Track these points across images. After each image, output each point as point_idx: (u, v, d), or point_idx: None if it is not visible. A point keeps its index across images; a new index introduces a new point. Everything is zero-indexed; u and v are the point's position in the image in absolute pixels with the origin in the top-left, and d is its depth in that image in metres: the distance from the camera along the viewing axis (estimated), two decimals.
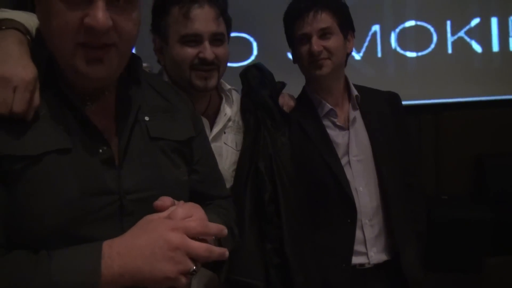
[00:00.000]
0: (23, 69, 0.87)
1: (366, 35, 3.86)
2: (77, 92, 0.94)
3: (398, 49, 3.91)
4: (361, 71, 3.74)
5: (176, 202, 0.94)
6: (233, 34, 1.60)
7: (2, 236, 0.85)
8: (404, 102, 3.86)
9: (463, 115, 3.95)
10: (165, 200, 0.92)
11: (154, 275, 0.84)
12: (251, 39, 3.78)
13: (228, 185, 1.49)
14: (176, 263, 0.85)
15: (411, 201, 1.73)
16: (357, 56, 3.85)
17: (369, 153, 1.67)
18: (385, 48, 3.88)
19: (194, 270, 0.86)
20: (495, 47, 3.98)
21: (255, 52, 3.78)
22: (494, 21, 3.96)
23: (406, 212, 1.69)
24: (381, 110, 1.74)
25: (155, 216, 0.90)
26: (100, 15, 0.84)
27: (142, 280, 0.84)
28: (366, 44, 3.87)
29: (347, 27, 1.70)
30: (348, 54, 1.73)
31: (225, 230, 0.94)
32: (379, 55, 3.89)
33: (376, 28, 3.88)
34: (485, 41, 3.96)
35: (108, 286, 0.83)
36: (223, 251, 0.91)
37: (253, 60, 3.78)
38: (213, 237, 0.96)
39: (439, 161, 3.97)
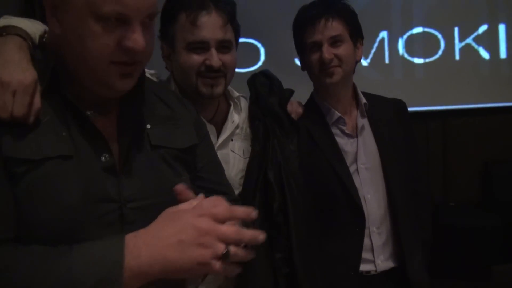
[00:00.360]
0: (22, 73, 0.89)
1: (374, 42, 3.86)
2: (81, 100, 0.95)
3: (406, 55, 3.91)
4: (369, 77, 3.74)
5: (196, 195, 0.93)
6: (240, 40, 1.60)
7: (13, 231, 0.86)
8: (411, 109, 3.85)
9: (471, 122, 3.94)
10: (183, 189, 0.91)
11: (185, 263, 0.82)
12: (259, 44, 3.79)
13: (236, 192, 1.49)
14: (207, 247, 0.82)
15: (418, 208, 1.73)
16: (364, 62, 3.85)
17: (377, 161, 1.67)
18: (393, 54, 3.88)
19: (227, 252, 0.84)
20: (503, 54, 3.97)
21: (262, 57, 3.79)
22: (502, 28, 3.96)
23: (412, 219, 1.69)
24: (389, 118, 1.75)
25: (178, 207, 0.89)
26: (141, 38, 0.90)
27: (174, 270, 0.83)
28: (373, 50, 3.87)
29: (357, 35, 1.70)
30: (357, 61, 1.73)
31: (253, 213, 0.90)
32: (387, 61, 3.89)
33: (384, 34, 3.88)
34: (493, 48, 3.96)
35: (136, 279, 0.82)
36: (256, 234, 0.87)
37: (260, 66, 3.78)
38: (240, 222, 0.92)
39: (446, 168, 3.96)
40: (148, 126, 1.03)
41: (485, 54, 3.95)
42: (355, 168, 1.65)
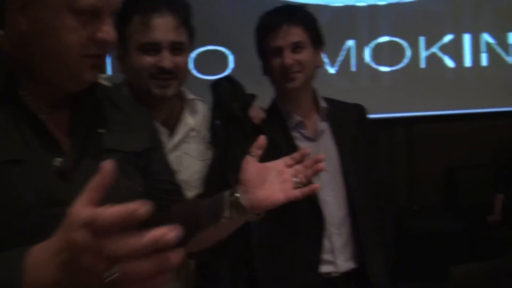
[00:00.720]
0: None
1: (341, 50, 3.93)
2: (36, 103, 0.95)
3: (372, 63, 3.98)
4: (336, 84, 3.80)
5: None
6: (209, 47, 1.61)
7: None
8: (377, 115, 3.95)
9: (436, 128, 4.05)
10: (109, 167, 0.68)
11: None
12: (228, 52, 3.81)
13: (195, 193, 1.49)
14: (88, 270, 0.63)
15: (378, 210, 1.76)
16: (331, 70, 3.92)
17: (337, 164, 1.70)
18: (360, 62, 3.96)
19: (115, 274, 0.62)
20: (467, 63, 4.09)
21: (231, 65, 3.81)
22: (466, 37, 4.07)
23: (372, 221, 1.72)
24: (349, 122, 1.78)
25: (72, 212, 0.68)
26: (112, 30, 0.93)
27: None
28: (341, 58, 3.94)
29: (318, 41, 1.74)
30: (318, 67, 1.76)
31: (143, 208, 0.62)
32: (354, 69, 3.96)
33: (350, 43, 3.96)
34: (458, 57, 4.07)
35: None
36: (160, 233, 0.61)
37: (229, 73, 3.81)
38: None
39: (411, 173, 4.05)
40: (101, 130, 1.03)
41: (450, 63, 4.06)
42: None
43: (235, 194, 1.13)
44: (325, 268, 1.65)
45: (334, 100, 1.83)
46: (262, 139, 1.16)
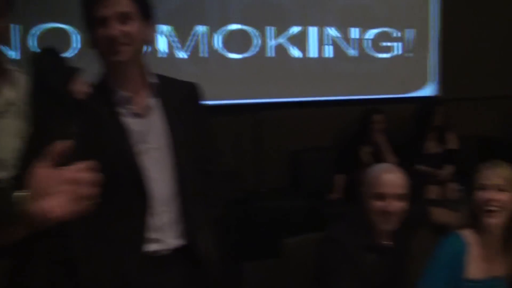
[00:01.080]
0: None
1: (191, 35, 3.92)
2: None
3: (223, 50, 4.04)
4: (187, 70, 3.79)
5: None
6: (52, 25, 1.49)
7: None
8: (226, 101, 4.01)
9: (282, 114, 4.24)
10: None
11: None
12: (72, 30, 3.58)
13: (11, 173, 1.37)
14: None
15: (209, 188, 1.77)
16: (182, 54, 3.89)
17: (166, 141, 1.66)
18: (210, 48, 3.99)
19: None
20: (313, 54, 4.34)
21: (74, 44, 3.58)
22: (312, 30, 4.31)
23: (203, 199, 1.72)
24: (181, 99, 1.75)
25: None
26: None
27: None
28: (192, 43, 3.93)
29: (147, 14, 1.68)
30: (147, 42, 1.71)
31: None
32: (204, 55, 3.98)
33: (202, 28, 3.96)
34: (304, 48, 4.30)
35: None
36: None
37: (75, 54, 3.60)
38: None
39: (259, 158, 4.19)
40: None
41: (296, 53, 4.27)
42: (143, 148, 1.62)
43: (20, 195, 0.94)
44: (152, 247, 1.61)
45: (166, 77, 1.78)
46: (58, 146, 0.96)
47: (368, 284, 1.73)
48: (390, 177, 1.77)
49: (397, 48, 4.59)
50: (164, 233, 1.63)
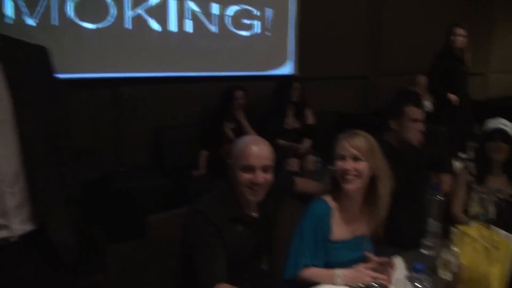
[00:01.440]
0: None
1: (42, 0, 3.54)
2: None
3: (75, 19, 3.71)
4: (36, 38, 3.40)
5: None
6: None
7: None
8: (81, 75, 3.70)
9: (142, 90, 4.05)
10: None
11: None
12: None
13: None
14: None
15: (60, 164, 1.60)
16: (31, 21, 3.50)
17: (9, 112, 1.45)
18: (62, 16, 3.64)
19: None
20: (173, 27, 4.19)
21: None
22: (172, 3, 4.15)
23: (53, 177, 1.54)
24: (28, 64, 1.53)
25: None
26: None
27: None
28: (41, 10, 3.55)
29: None
30: None
31: None
32: (55, 23, 3.62)
33: None
34: (163, 21, 4.13)
35: None
36: None
37: None
38: None
39: (119, 135, 3.98)
40: None
41: (156, 26, 4.09)
42: None
43: None
44: None
45: (11, 38, 1.55)
46: None
47: (236, 255, 1.72)
48: (258, 149, 1.76)
49: (257, 26, 4.65)
50: (9, 219, 1.43)
